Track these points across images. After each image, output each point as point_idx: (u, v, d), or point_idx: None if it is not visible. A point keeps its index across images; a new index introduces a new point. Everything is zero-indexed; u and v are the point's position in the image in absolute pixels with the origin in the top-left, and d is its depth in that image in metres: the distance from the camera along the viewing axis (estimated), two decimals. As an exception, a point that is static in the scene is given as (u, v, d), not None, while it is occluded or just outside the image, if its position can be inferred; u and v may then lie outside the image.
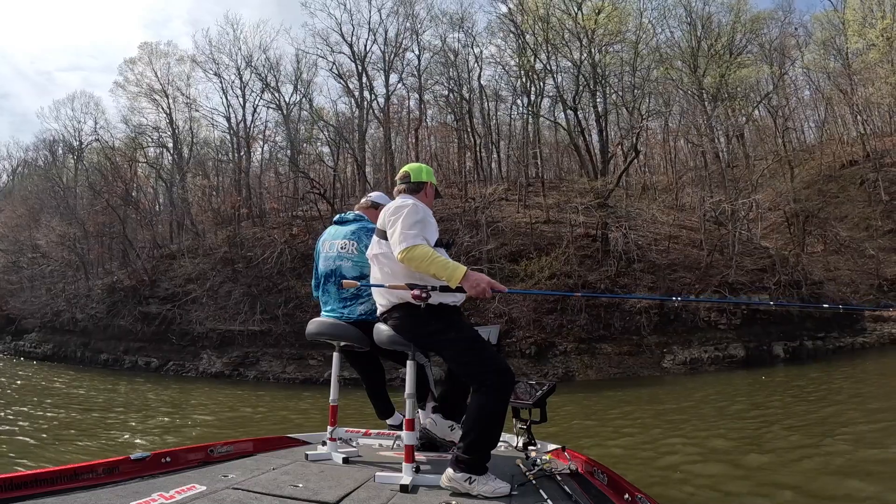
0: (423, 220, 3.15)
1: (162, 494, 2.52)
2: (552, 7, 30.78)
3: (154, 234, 35.15)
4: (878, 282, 27.93)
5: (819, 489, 6.12)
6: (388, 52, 37.49)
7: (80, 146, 43.40)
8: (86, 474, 2.77)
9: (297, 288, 25.56)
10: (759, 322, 22.33)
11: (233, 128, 38.20)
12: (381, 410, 4.65)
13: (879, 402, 11.31)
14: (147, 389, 19.28)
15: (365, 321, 3.96)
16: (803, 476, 6.59)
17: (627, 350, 21.78)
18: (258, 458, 3.72)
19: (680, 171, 37.57)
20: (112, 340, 28.30)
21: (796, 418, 10.29)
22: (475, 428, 3.01)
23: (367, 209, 4.50)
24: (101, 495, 2.55)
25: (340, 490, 2.82)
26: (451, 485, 2.97)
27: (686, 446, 8.69)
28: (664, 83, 33.14)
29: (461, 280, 2.95)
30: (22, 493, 2.43)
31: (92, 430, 11.15)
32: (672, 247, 26.01)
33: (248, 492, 2.69)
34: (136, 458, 3.09)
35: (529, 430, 4.46)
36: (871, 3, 36.62)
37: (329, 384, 4.11)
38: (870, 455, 7.12)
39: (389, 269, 3.27)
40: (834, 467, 6.81)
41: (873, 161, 34.44)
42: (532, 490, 3.12)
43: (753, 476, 6.81)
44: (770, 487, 6.29)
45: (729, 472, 7.05)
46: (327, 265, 4.27)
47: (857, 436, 8.25)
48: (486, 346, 3.21)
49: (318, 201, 30.96)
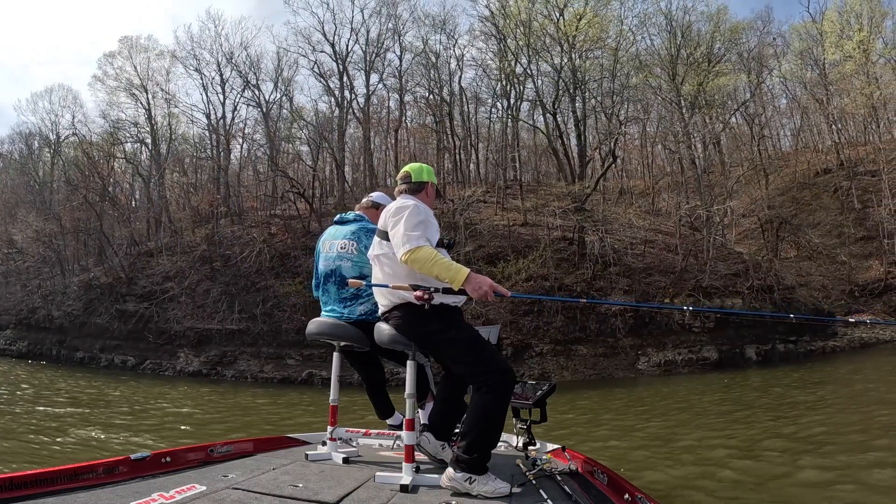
0: (425, 220, 3.15)
1: (162, 494, 2.53)
2: (534, 12, 31.02)
3: (132, 231, 34.80)
4: (849, 287, 28.52)
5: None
6: (369, 53, 37.59)
7: (57, 140, 42.87)
8: (86, 474, 2.77)
9: (275, 287, 25.53)
10: (733, 325, 22.67)
11: (212, 125, 38.04)
12: (381, 410, 4.62)
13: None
14: (113, 387, 19.00)
15: (365, 321, 3.98)
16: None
17: (603, 352, 22.01)
18: (258, 458, 3.73)
19: (657, 176, 38.01)
20: (88, 338, 27.90)
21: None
22: (475, 428, 3.01)
23: (367, 209, 4.49)
24: (101, 495, 2.56)
25: (340, 490, 2.83)
26: (451, 485, 2.97)
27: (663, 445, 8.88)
28: (643, 90, 33.50)
29: (463, 283, 2.94)
30: (22, 493, 2.43)
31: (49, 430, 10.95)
32: (648, 251, 26.36)
33: (248, 492, 2.70)
34: (136, 458, 3.10)
35: (529, 430, 4.50)
36: (849, 15, 37.41)
37: (330, 384, 4.13)
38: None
39: (391, 269, 3.27)
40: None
41: (847, 170, 35.15)
42: (532, 490, 3.13)
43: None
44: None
45: (700, 473, 7.20)
46: (327, 265, 4.27)
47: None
48: (486, 345, 3.22)
49: (297, 200, 30.91)
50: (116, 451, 8.66)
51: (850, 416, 10.00)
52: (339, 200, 33.89)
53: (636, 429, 10.41)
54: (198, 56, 37.59)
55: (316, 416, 13.14)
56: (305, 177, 37.28)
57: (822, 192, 35.68)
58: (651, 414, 12.30)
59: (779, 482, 6.33)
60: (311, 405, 15.50)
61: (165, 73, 39.34)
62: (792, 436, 8.65)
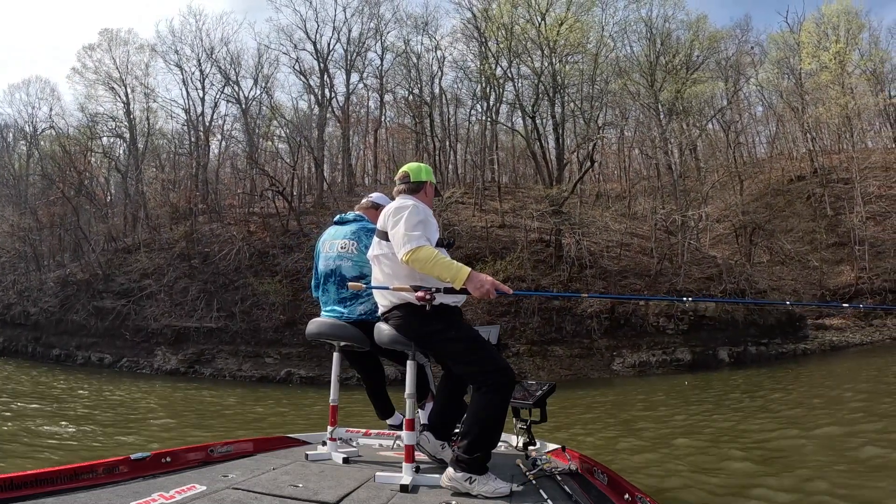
0: (425, 220, 3.16)
1: (162, 494, 2.53)
2: (516, 16, 31.25)
3: (109, 227, 34.44)
4: (820, 292, 29.13)
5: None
6: (350, 51, 37.68)
7: (33, 132, 42.40)
8: (86, 474, 2.77)
9: (254, 285, 25.43)
10: (706, 328, 23.09)
11: (192, 121, 37.87)
12: (381, 410, 4.61)
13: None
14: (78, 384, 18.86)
15: (365, 321, 3.98)
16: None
17: (578, 353, 22.31)
18: (258, 458, 3.73)
19: (633, 179, 38.45)
20: (64, 335, 27.55)
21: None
22: (476, 428, 3.01)
23: (367, 210, 4.49)
24: (101, 495, 2.56)
25: (340, 490, 2.82)
26: (451, 484, 2.97)
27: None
28: (622, 95, 33.89)
29: (465, 282, 2.94)
30: (22, 493, 2.42)
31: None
32: (623, 254, 26.70)
33: (248, 492, 2.70)
34: (136, 458, 3.09)
35: (529, 430, 4.51)
36: (826, 27, 38.08)
37: (330, 384, 4.12)
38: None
39: (391, 269, 3.27)
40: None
41: (820, 177, 35.89)
42: (532, 490, 3.11)
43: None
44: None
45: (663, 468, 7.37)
46: (327, 265, 4.27)
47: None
48: (486, 345, 3.22)
49: (276, 198, 30.87)
50: (72, 448, 8.64)
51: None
52: (317, 199, 34.00)
53: (610, 427, 10.62)
54: (179, 51, 37.48)
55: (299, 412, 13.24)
56: (284, 175, 37.20)
57: (795, 199, 36.37)
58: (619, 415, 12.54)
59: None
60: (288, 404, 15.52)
61: (145, 67, 39.10)
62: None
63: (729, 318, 23.44)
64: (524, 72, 32.83)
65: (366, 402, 4.75)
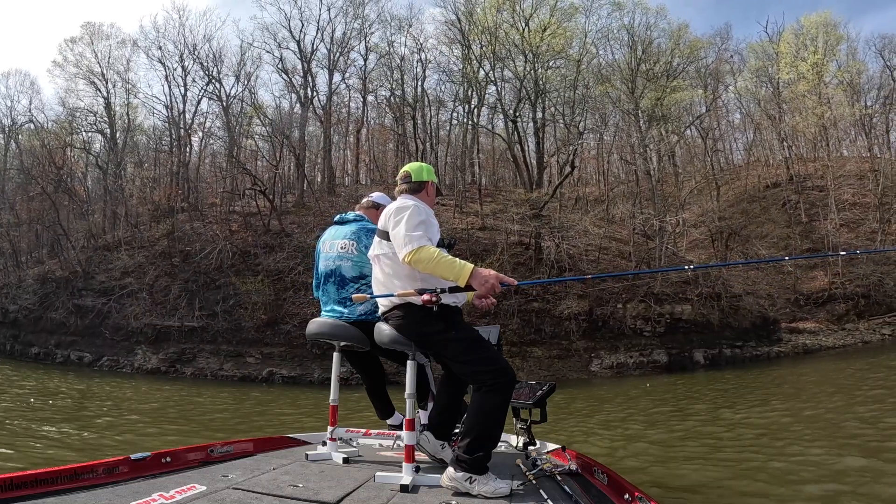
0: (426, 220, 3.13)
1: (162, 494, 2.52)
2: (500, 20, 31.53)
3: (89, 224, 34.11)
4: (794, 296, 29.75)
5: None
6: (333, 51, 37.67)
7: (12, 125, 41.71)
8: (86, 474, 2.76)
9: (236, 285, 25.43)
10: (682, 330, 23.61)
11: (173, 118, 37.63)
12: (382, 410, 4.58)
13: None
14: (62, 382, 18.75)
15: (365, 321, 3.97)
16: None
17: (557, 354, 22.72)
18: (258, 458, 3.72)
19: (612, 184, 38.79)
20: (44, 333, 27.28)
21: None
22: (476, 427, 2.99)
23: (367, 210, 4.47)
24: (101, 495, 2.56)
25: (340, 490, 2.81)
26: (451, 484, 2.95)
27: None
28: (602, 101, 34.28)
29: (469, 278, 2.90)
30: (22, 493, 2.43)
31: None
32: (602, 257, 27.14)
33: (248, 492, 2.69)
34: (137, 458, 3.08)
35: (529, 430, 4.52)
36: (805, 38, 38.75)
37: (328, 384, 4.11)
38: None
39: (391, 269, 3.26)
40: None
41: (796, 184, 36.62)
42: (532, 490, 3.10)
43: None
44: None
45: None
46: (327, 265, 4.25)
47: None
48: (486, 345, 3.21)
49: (258, 197, 30.89)
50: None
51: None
52: (298, 198, 34.02)
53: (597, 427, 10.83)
54: (161, 47, 37.24)
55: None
56: (265, 174, 37.13)
57: (771, 205, 37.05)
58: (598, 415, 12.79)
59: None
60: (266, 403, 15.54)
61: (126, 62, 38.79)
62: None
63: (704, 321, 23.95)
64: (506, 75, 33.15)
65: (366, 402, 4.76)
